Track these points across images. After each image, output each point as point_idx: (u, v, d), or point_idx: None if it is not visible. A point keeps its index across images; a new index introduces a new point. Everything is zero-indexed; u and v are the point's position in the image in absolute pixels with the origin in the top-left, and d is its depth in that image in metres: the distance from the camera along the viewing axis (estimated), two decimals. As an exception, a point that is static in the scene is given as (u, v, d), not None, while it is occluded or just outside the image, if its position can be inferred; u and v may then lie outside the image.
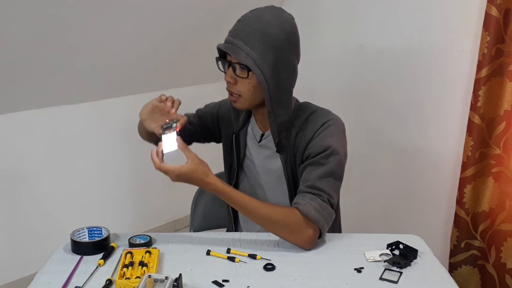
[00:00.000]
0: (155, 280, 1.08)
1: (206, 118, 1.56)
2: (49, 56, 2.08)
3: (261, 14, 1.26)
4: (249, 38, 1.23)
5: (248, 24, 1.25)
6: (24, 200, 2.34)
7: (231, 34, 1.26)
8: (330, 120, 1.34)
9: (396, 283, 1.14)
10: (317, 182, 1.28)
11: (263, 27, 1.23)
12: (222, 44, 1.27)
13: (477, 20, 1.99)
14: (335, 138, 1.33)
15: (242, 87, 1.29)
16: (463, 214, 2.11)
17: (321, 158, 1.30)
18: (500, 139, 1.98)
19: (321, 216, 1.26)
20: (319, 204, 1.26)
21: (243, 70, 1.26)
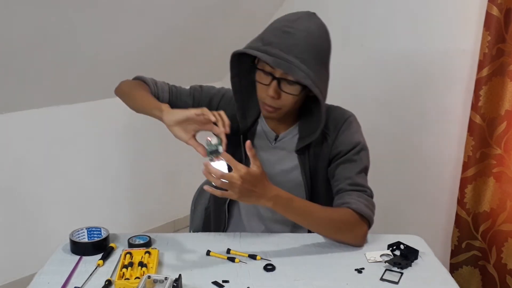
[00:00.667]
0: (155, 281, 1.08)
1: (203, 102, 1.45)
2: (49, 56, 2.08)
3: (308, 25, 1.21)
4: (305, 56, 1.19)
5: (301, 39, 1.19)
6: (23, 200, 2.34)
7: (282, 48, 1.19)
8: (349, 116, 1.37)
9: (397, 283, 1.14)
10: (357, 178, 1.31)
11: (315, 42, 1.21)
12: (272, 59, 1.18)
13: (478, 19, 1.99)
14: (359, 133, 1.37)
15: (285, 102, 1.26)
16: (464, 214, 2.11)
17: (353, 155, 1.32)
18: (501, 139, 1.97)
19: (371, 211, 1.30)
20: (366, 199, 1.30)
21: (293, 86, 1.23)
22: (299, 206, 1.23)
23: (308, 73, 1.19)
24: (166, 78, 2.66)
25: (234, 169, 1.10)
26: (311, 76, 1.19)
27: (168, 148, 2.71)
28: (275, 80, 1.23)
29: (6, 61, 1.97)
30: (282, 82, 1.23)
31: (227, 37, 2.75)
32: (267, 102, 1.27)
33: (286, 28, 1.20)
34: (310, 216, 1.24)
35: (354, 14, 2.43)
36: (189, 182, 2.04)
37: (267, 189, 1.16)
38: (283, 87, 1.24)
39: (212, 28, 2.60)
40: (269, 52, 1.19)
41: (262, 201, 1.16)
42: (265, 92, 1.26)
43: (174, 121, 1.19)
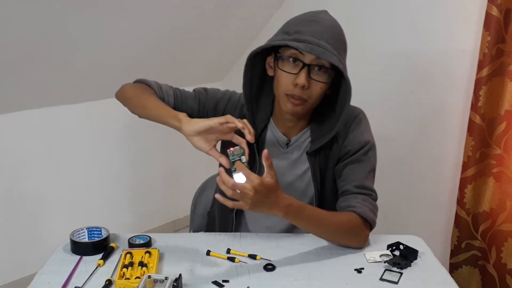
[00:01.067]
0: (155, 281, 1.08)
1: (209, 109, 1.40)
2: (49, 56, 2.08)
3: (331, 18, 1.25)
4: (336, 43, 1.20)
5: (329, 27, 1.21)
6: (23, 200, 2.34)
7: (313, 34, 1.18)
8: (359, 113, 1.36)
9: (396, 283, 1.14)
10: (364, 181, 1.31)
11: (340, 33, 1.24)
12: (304, 44, 1.16)
13: (478, 19, 1.99)
14: (369, 131, 1.36)
15: (315, 91, 1.24)
16: (463, 214, 2.11)
17: (361, 155, 1.32)
18: (501, 139, 1.97)
19: (374, 215, 1.30)
20: (371, 204, 1.30)
21: (322, 74, 1.22)
22: (309, 215, 1.21)
23: (339, 58, 1.20)
24: (166, 78, 2.66)
25: (247, 179, 1.07)
26: (342, 61, 1.21)
27: (168, 148, 2.72)
28: (306, 67, 1.20)
29: (6, 61, 1.97)
30: (311, 70, 1.21)
31: (227, 37, 2.75)
32: (296, 93, 1.23)
33: (312, 18, 1.22)
34: (319, 224, 1.24)
35: (354, 14, 2.43)
36: (189, 182, 2.04)
37: (279, 199, 1.12)
38: (312, 75, 1.22)
39: (212, 28, 2.60)
40: (298, 39, 1.18)
41: (274, 210, 1.13)
42: (293, 82, 1.22)
43: (195, 131, 1.13)
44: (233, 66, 3.05)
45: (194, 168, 1.75)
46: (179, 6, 2.29)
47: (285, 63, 1.23)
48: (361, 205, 1.28)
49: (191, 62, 2.77)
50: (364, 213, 1.27)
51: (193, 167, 2.16)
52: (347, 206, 1.28)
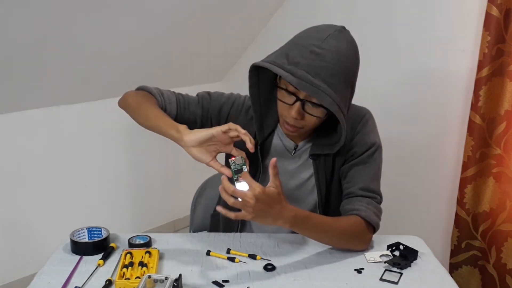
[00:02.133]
0: (155, 281, 1.08)
1: (213, 114, 1.38)
2: (49, 56, 2.08)
3: (337, 44, 1.14)
4: (333, 81, 1.13)
5: (329, 61, 1.12)
6: (23, 200, 2.34)
7: (308, 70, 1.12)
8: (365, 114, 1.35)
9: (396, 283, 1.14)
10: (370, 184, 1.30)
11: (345, 65, 1.15)
12: (297, 81, 1.12)
13: (478, 20, 1.99)
14: (375, 132, 1.35)
15: (308, 122, 1.23)
16: (463, 214, 2.11)
17: (367, 157, 1.31)
18: (501, 139, 1.98)
19: (378, 219, 1.30)
20: (376, 207, 1.30)
21: (318, 109, 1.19)
22: (315, 224, 1.20)
23: (334, 98, 1.13)
24: (166, 78, 2.68)
25: (249, 187, 1.05)
26: (337, 101, 1.14)
27: (168, 148, 2.70)
28: (299, 101, 1.18)
29: (6, 61, 1.97)
30: (306, 104, 1.19)
31: (227, 38, 2.75)
32: (289, 122, 1.23)
33: (315, 47, 1.13)
34: (324, 231, 1.23)
35: (354, 14, 2.43)
36: (189, 182, 2.04)
37: (284, 210, 1.10)
38: (307, 108, 1.19)
39: (212, 29, 2.60)
40: (294, 73, 1.12)
41: (279, 222, 1.11)
42: (287, 111, 1.21)
43: (196, 141, 1.13)
44: (233, 66, 3.05)
45: (194, 168, 1.74)
46: (179, 6, 2.29)
47: (282, 91, 1.22)
48: (365, 208, 1.27)
49: (191, 62, 2.77)
50: (368, 217, 1.26)
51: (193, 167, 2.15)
52: (351, 209, 1.28)
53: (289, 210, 1.11)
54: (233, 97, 1.41)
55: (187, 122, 1.27)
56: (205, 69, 2.91)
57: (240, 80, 1.34)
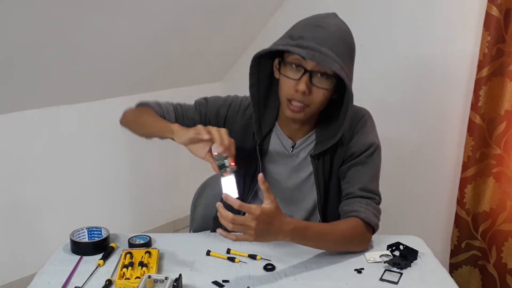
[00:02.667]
0: (155, 281, 1.08)
1: (211, 117, 1.40)
2: (49, 56, 2.08)
3: (337, 22, 1.21)
4: (339, 49, 1.16)
5: (334, 33, 1.17)
6: (23, 200, 2.34)
7: (316, 41, 1.15)
8: (364, 114, 1.36)
9: (396, 283, 1.14)
10: (368, 184, 1.30)
11: (347, 38, 1.21)
12: (305, 51, 1.14)
13: (478, 20, 1.99)
14: (374, 132, 1.35)
15: (316, 98, 1.22)
16: (463, 214, 2.11)
17: (366, 157, 1.31)
18: (501, 139, 1.98)
19: (378, 219, 1.30)
20: (375, 208, 1.30)
21: (325, 80, 1.20)
22: (314, 233, 1.20)
23: (342, 65, 1.16)
24: (166, 78, 2.68)
25: (247, 212, 1.03)
26: (345, 69, 1.16)
27: (168, 149, 2.71)
28: (307, 73, 1.19)
29: (6, 61, 1.97)
30: (313, 76, 1.19)
31: (227, 38, 2.75)
32: (296, 98, 1.22)
33: (318, 22, 1.19)
34: (325, 239, 1.22)
35: (354, 14, 2.42)
36: (189, 182, 2.04)
37: (283, 225, 1.10)
38: (315, 81, 1.20)
39: (212, 29, 2.60)
40: (301, 45, 1.15)
41: (280, 237, 1.11)
42: (294, 87, 1.21)
43: (186, 141, 1.16)
44: (233, 66, 3.05)
45: (194, 168, 1.75)
46: (178, 7, 2.29)
47: (288, 68, 1.22)
48: (364, 209, 1.27)
49: (191, 62, 2.77)
50: (367, 218, 1.26)
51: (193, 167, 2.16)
52: (350, 210, 1.28)
53: (288, 223, 1.11)
54: (230, 99, 1.42)
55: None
56: (205, 69, 2.91)
57: (240, 80, 1.34)
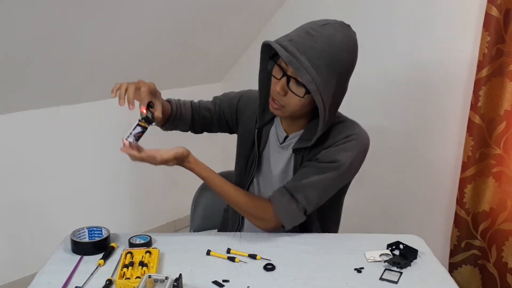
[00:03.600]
0: (155, 280, 1.08)
1: (224, 107, 1.50)
2: (49, 56, 2.08)
3: (333, 32, 1.19)
4: (318, 61, 1.16)
5: (320, 43, 1.17)
6: (24, 200, 2.34)
7: (298, 47, 1.17)
8: (354, 134, 1.31)
9: (396, 283, 1.14)
10: (305, 188, 1.30)
11: (334, 51, 1.18)
12: (286, 55, 1.17)
13: (477, 20, 1.99)
14: (350, 153, 1.30)
15: (290, 101, 1.25)
16: (463, 214, 2.11)
17: (323, 168, 1.29)
18: (501, 139, 1.98)
19: (289, 220, 1.32)
20: (293, 209, 1.30)
21: (300, 88, 1.21)
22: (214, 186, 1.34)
23: (315, 78, 1.16)
24: (167, 78, 2.68)
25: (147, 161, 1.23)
26: (317, 82, 1.17)
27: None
28: (285, 76, 1.22)
29: (6, 62, 1.97)
30: (291, 81, 1.22)
31: (227, 38, 2.75)
32: (274, 96, 1.26)
33: (311, 30, 1.19)
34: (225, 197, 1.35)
35: (354, 14, 2.43)
36: (189, 182, 2.04)
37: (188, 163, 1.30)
38: (291, 86, 1.23)
39: (212, 29, 2.60)
40: (286, 48, 1.18)
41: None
42: (274, 86, 1.25)
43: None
44: (233, 66, 3.05)
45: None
46: (179, 7, 2.29)
47: (276, 66, 1.26)
48: (281, 204, 1.30)
49: (191, 63, 2.77)
50: (277, 212, 1.31)
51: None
52: (273, 197, 1.32)
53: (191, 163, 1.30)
54: (243, 91, 1.53)
55: (203, 119, 1.49)
56: (205, 69, 2.91)
57: (240, 80, 1.35)
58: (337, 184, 1.34)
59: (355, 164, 1.33)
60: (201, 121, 1.50)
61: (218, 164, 1.37)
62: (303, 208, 1.31)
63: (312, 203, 1.31)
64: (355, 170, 1.34)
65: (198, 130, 1.54)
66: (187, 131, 1.54)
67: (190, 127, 1.52)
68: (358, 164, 1.34)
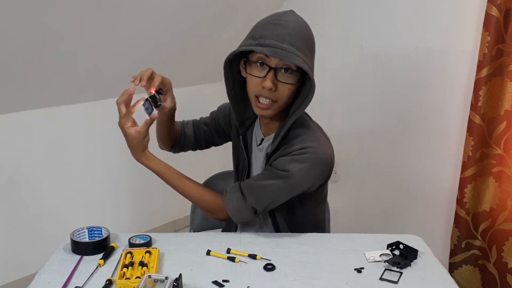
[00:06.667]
0: (155, 280, 1.08)
1: (219, 118, 1.56)
2: (49, 56, 2.08)
3: (295, 18, 1.24)
4: (299, 44, 1.20)
5: (292, 29, 1.21)
6: (24, 200, 2.34)
7: (276, 38, 1.19)
8: (310, 147, 1.27)
9: (396, 283, 1.14)
10: (256, 189, 1.30)
11: (305, 33, 1.23)
12: (268, 49, 1.18)
13: (478, 20, 1.99)
14: (302, 165, 1.26)
15: (282, 93, 1.25)
16: (463, 214, 2.11)
17: (275, 174, 1.28)
18: (501, 139, 1.98)
19: (237, 215, 1.33)
20: (240, 207, 1.31)
21: (292, 75, 1.23)
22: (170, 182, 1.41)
23: (303, 59, 1.20)
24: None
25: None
26: (307, 62, 1.20)
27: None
28: (272, 70, 1.22)
29: (6, 61, 1.97)
30: (278, 73, 1.22)
31: (227, 38, 2.75)
32: (264, 95, 1.25)
33: (276, 21, 1.22)
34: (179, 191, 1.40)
35: (354, 14, 2.43)
36: (189, 182, 2.04)
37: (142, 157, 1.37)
38: (279, 77, 1.23)
39: (212, 29, 2.60)
40: (263, 44, 1.19)
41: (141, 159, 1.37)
42: (261, 85, 1.24)
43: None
44: (233, 66, 3.05)
45: (194, 168, 1.75)
46: (179, 8, 2.29)
47: (253, 67, 1.26)
48: (232, 200, 1.32)
49: (191, 63, 2.77)
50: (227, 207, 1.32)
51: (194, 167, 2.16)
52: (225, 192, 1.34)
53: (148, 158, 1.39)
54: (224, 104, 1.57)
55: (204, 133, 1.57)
56: (205, 69, 2.91)
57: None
58: (287, 192, 1.30)
59: (309, 177, 1.28)
60: (203, 136, 1.57)
61: (218, 164, 1.37)
62: (252, 208, 1.31)
63: (261, 204, 1.31)
64: (309, 182, 1.29)
65: (203, 146, 1.60)
66: (194, 149, 1.61)
67: (195, 144, 1.58)
68: (313, 178, 1.29)
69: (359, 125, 2.51)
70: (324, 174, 1.32)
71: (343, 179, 2.63)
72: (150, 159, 1.38)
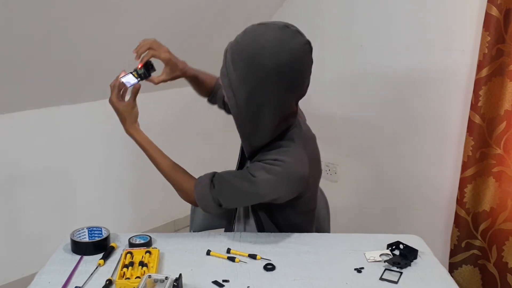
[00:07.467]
0: (155, 280, 1.08)
1: None
2: (49, 56, 2.08)
3: (262, 33, 1.16)
4: (237, 56, 1.19)
5: (244, 41, 1.20)
6: (24, 200, 2.34)
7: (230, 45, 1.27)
8: (283, 162, 1.22)
9: (396, 283, 1.14)
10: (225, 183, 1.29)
11: (255, 50, 1.15)
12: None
13: (477, 20, 1.99)
14: (270, 177, 1.22)
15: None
16: (463, 213, 2.11)
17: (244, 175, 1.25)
18: (501, 139, 1.98)
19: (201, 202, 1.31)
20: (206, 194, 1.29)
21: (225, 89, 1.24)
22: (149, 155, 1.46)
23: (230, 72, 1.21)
24: (166, 78, 2.66)
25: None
26: (231, 76, 1.20)
27: (169, 148, 2.72)
28: None
29: (6, 62, 1.97)
30: None
31: (227, 37, 2.75)
32: None
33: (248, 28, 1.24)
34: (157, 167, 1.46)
35: (354, 14, 2.43)
36: (189, 182, 2.04)
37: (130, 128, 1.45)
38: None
39: (212, 29, 2.60)
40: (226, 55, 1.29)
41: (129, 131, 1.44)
42: None
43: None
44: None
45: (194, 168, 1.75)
46: (179, 7, 2.29)
47: None
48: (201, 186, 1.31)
49: (191, 63, 2.76)
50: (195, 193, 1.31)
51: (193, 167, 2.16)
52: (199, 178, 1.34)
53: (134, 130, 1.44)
54: None
55: None
56: (205, 69, 2.91)
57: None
58: (251, 197, 1.28)
59: (273, 189, 1.24)
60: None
61: (218, 164, 1.37)
62: (217, 199, 1.28)
63: (225, 200, 1.28)
64: (274, 195, 1.25)
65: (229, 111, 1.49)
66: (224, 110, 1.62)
67: (223, 108, 1.61)
68: (278, 192, 1.25)
69: (359, 125, 2.51)
70: (292, 192, 1.27)
71: (343, 179, 2.63)
72: (138, 132, 1.44)
